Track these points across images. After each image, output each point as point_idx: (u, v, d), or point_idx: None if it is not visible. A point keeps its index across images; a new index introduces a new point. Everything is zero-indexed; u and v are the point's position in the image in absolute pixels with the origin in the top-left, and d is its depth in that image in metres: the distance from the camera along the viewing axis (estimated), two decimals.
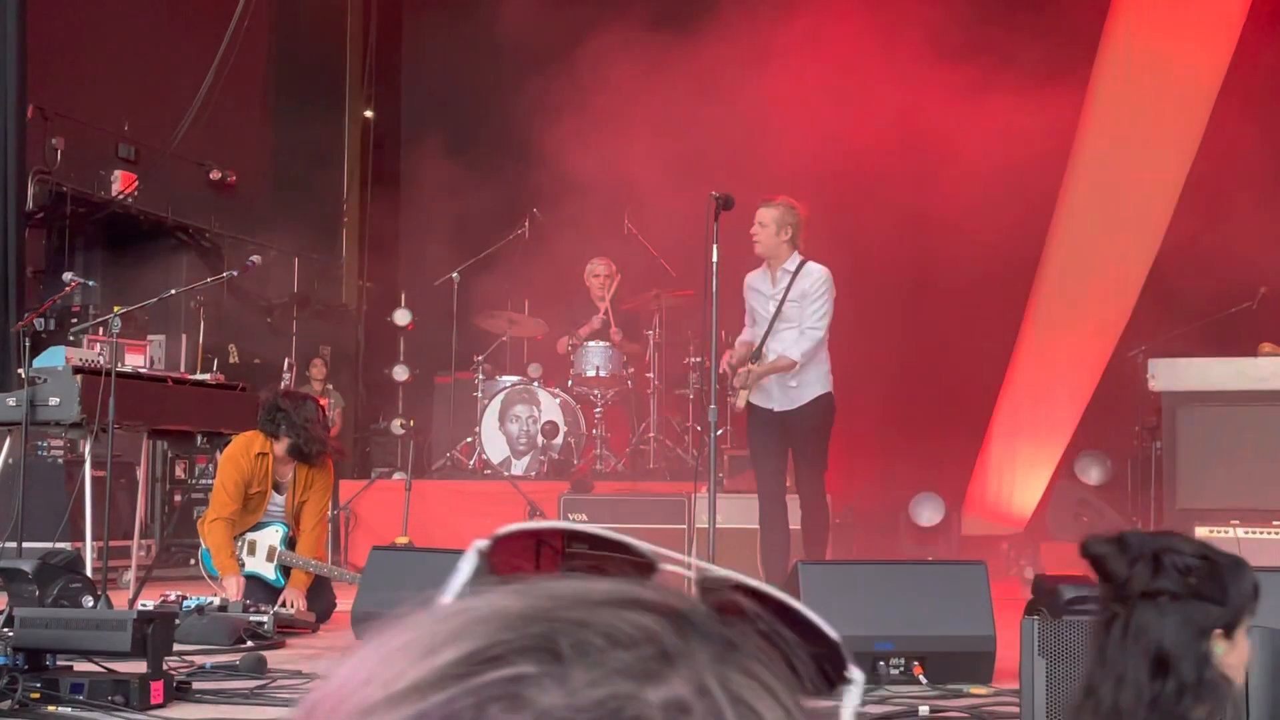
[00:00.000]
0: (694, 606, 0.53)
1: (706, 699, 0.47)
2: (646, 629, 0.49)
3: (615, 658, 0.48)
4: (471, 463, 9.90)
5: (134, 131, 10.60)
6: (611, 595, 0.50)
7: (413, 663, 0.47)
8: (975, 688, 5.09)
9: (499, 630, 0.48)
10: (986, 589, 5.37)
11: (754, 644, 0.52)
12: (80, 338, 7.83)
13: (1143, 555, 1.96)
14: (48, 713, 4.23)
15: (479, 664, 0.46)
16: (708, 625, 0.51)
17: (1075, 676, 3.60)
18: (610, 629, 0.49)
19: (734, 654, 0.50)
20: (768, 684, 0.50)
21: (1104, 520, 9.35)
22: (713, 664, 0.49)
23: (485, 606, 0.49)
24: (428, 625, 0.49)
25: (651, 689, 0.47)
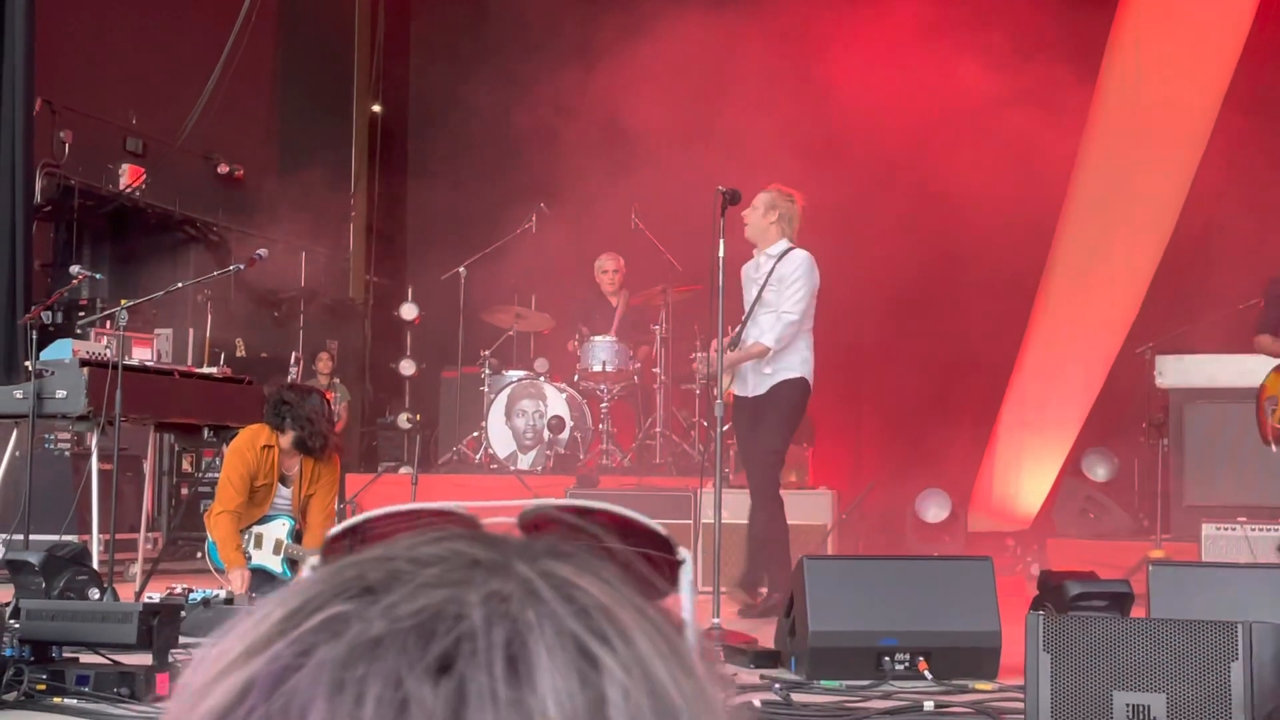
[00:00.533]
0: (504, 533, 0.56)
1: (522, 584, 0.50)
2: (454, 549, 0.51)
3: (425, 575, 0.50)
4: (478, 457, 9.90)
5: (142, 125, 10.62)
6: (418, 538, 0.53)
7: (243, 634, 0.50)
8: (980, 683, 5.09)
9: (313, 585, 0.51)
10: (992, 585, 5.36)
11: (573, 545, 0.54)
12: (87, 331, 7.84)
13: None
14: (54, 704, 4.24)
15: (299, 617, 0.49)
16: (520, 539, 0.54)
17: (1080, 672, 3.61)
18: (415, 555, 0.51)
19: (548, 551, 0.52)
20: (586, 566, 0.52)
21: (1110, 517, 9.34)
22: (526, 560, 0.51)
23: (306, 576, 0.53)
24: (258, 605, 0.51)
25: (468, 590, 0.49)
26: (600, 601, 0.50)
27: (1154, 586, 5.53)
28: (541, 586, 0.50)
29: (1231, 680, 3.50)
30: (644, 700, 0.48)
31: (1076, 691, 3.60)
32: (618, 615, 0.50)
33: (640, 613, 0.51)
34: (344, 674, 0.47)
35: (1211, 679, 3.51)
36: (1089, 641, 3.62)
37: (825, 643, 5.11)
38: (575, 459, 9.67)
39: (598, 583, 0.51)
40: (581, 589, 0.50)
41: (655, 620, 0.52)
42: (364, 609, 0.48)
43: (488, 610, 0.48)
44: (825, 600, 5.19)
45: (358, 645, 0.47)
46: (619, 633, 0.49)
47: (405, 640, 0.47)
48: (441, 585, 0.49)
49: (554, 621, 0.49)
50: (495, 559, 0.51)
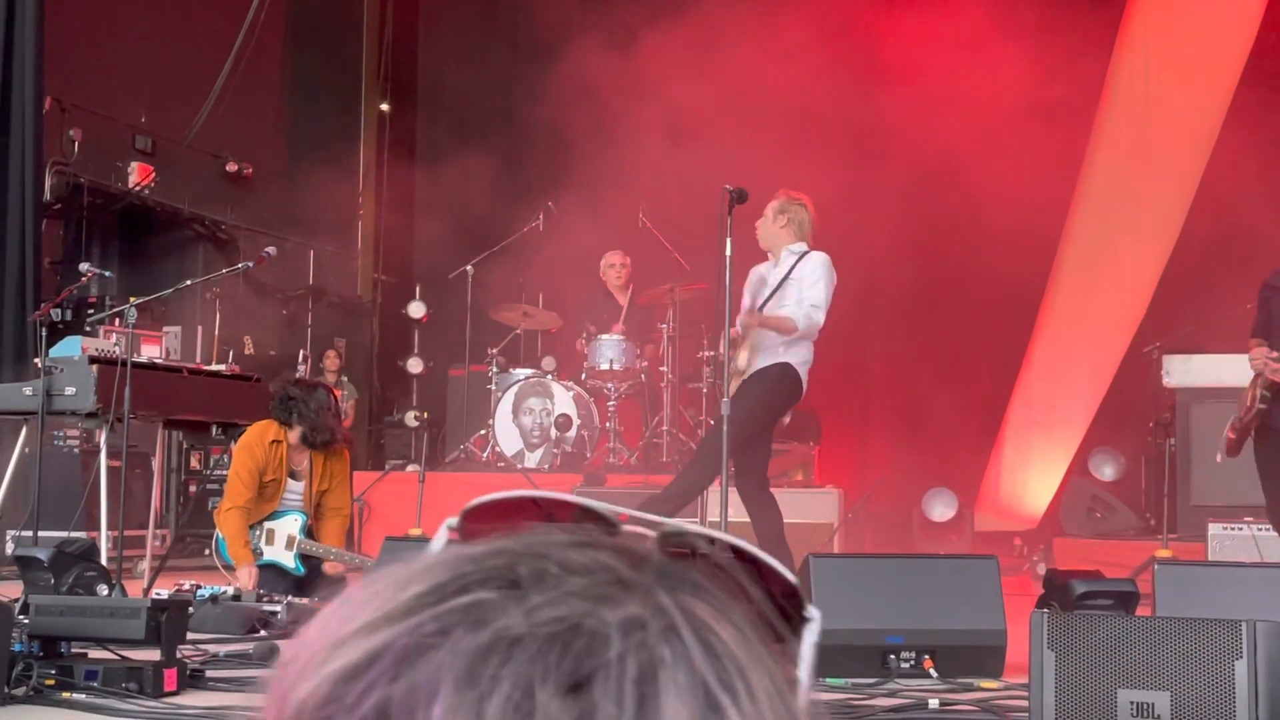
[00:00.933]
0: (651, 549, 0.56)
1: (662, 616, 0.49)
2: (601, 562, 0.51)
3: (572, 583, 0.50)
4: (485, 455, 9.92)
5: (151, 123, 10.65)
6: (568, 539, 0.53)
7: (383, 599, 0.49)
8: (985, 681, 5.09)
9: (461, 565, 0.50)
10: (998, 583, 5.37)
11: (711, 580, 0.54)
12: (96, 328, 7.87)
13: None
14: (62, 699, 4.26)
15: (443, 594, 0.49)
16: (663, 562, 0.54)
17: (1084, 670, 3.61)
18: (566, 560, 0.51)
19: (690, 584, 0.52)
20: (723, 609, 0.52)
21: (1117, 517, 9.34)
22: (668, 590, 0.51)
23: (450, 551, 0.52)
24: (397, 570, 0.51)
25: (607, 609, 0.49)
26: (733, 652, 0.50)
27: (1159, 586, 5.54)
28: (681, 624, 0.50)
29: (1236, 678, 3.51)
30: None
31: (1081, 689, 3.61)
32: (747, 670, 0.50)
33: (768, 671, 0.51)
34: (478, 667, 0.47)
35: (1216, 677, 3.52)
36: (1093, 640, 3.62)
37: (831, 640, 5.11)
38: (582, 457, 9.69)
39: (733, 631, 0.51)
40: (718, 635, 0.50)
41: (778, 681, 0.52)
42: (508, 603, 0.49)
43: (627, 638, 0.49)
44: (831, 598, 5.19)
45: (497, 640, 0.47)
46: (746, 688, 0.50)
47: (544, 649, 0.47)
48: (586, 598, 0.49)
49: (688, 664, 0.49)
50: (639, 581, 0.51)
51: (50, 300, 8.05)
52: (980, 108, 9.73)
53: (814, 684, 0.57)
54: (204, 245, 11.28)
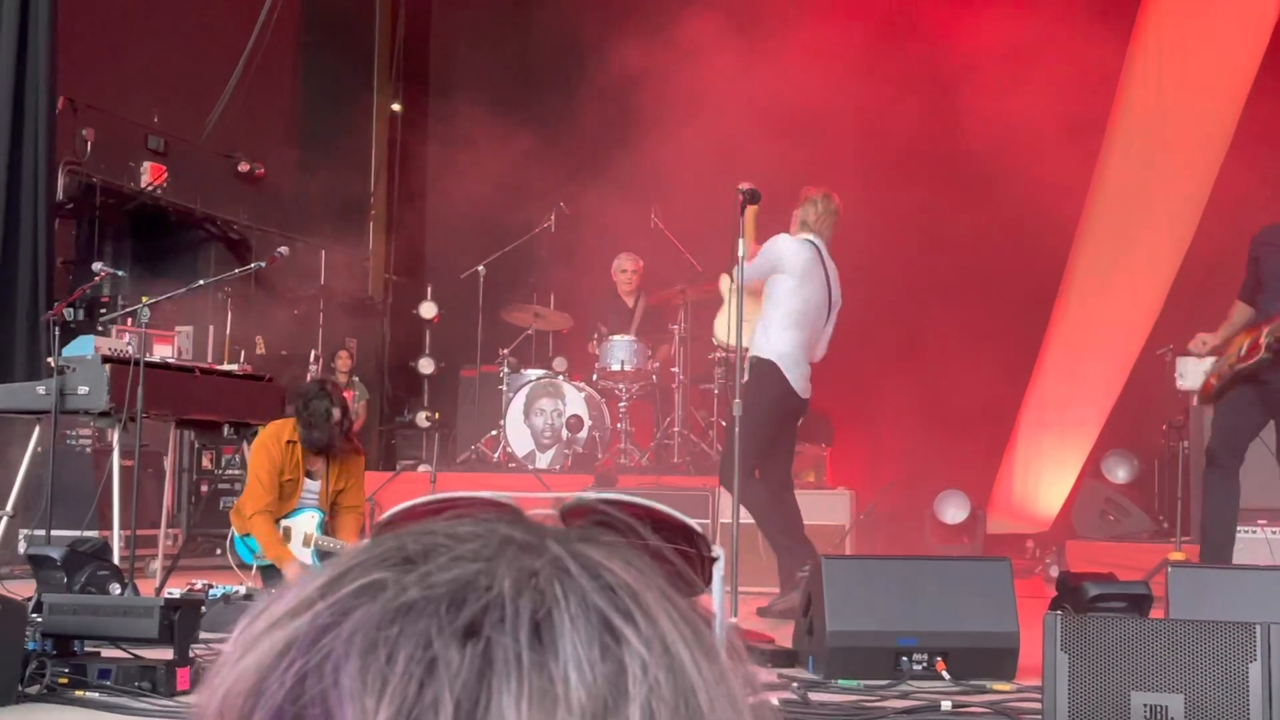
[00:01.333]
0: (544, 521, 0.59)
1: (554, 562, 0.52)
2: (490, 526, 0.55)
3: (462, 549, 0.53)
4: (496, 456, 9.92)
5: (163, 123, 10.67)
6: (458, 515, 0.56)
7: (290, 598, 0.53)
8: (998, 684, 5.08)
9: (356, 556, 0.54)
10: (1010, 585, 5.35)
11: (608, 535, 0.57)
12: (109, 328, 7.88)
13: None
14: (76, 697, 4.27)
15: (341, 582, 0.52)
16: (560, 526, 0.57)
17: (1098, 672, 3.60)
18: (455, 532, 0.54)
19: (584, 536, 0.55)
20: (618, 553, 0.54)
21: (1130, 520, 9.32)
22: (561, 543, 0.54)
23: (349, 548, 0.57)
24: (304, 574, 0.55)
25: (499, 564, 0.52)
26: (626, 582, 0.53)
27: (1173, 588, 5.52)
28: (570, 564, 0.52)
29: (1249, 681, 3.50)
30: (662, 675, 0.50)
31: (1094, 692, 3.60)
32: (643, 596, 0.52)
33: (666, 597, 0.53)
34: (377, 634, 0.49)
35: (1230, 679, 3.51)
36: (1107, 642, 3.61)
37: (843, 642, 5.11)
38: (593, 458, 9.69)
39: (626, 566, 0.54)
40: (609, 569, 0.53)
41: (680, 607, 0.54)
42: (401, 576, 0.51)
43: (517, 581, 0.51)
44: (843, 600, 5.19)
45: (392, 608, 0.50)
46: (643, 612, 0.52)
47: (437, 606, 0.50)
48: (476, 559, 0.52)
49: (580, 596, 0.51)
50: (530, 539, 0.54)
51: (63, 300, 8.07)
52: (995, 114, 9.71)
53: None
54: (216, 245, 11.30)
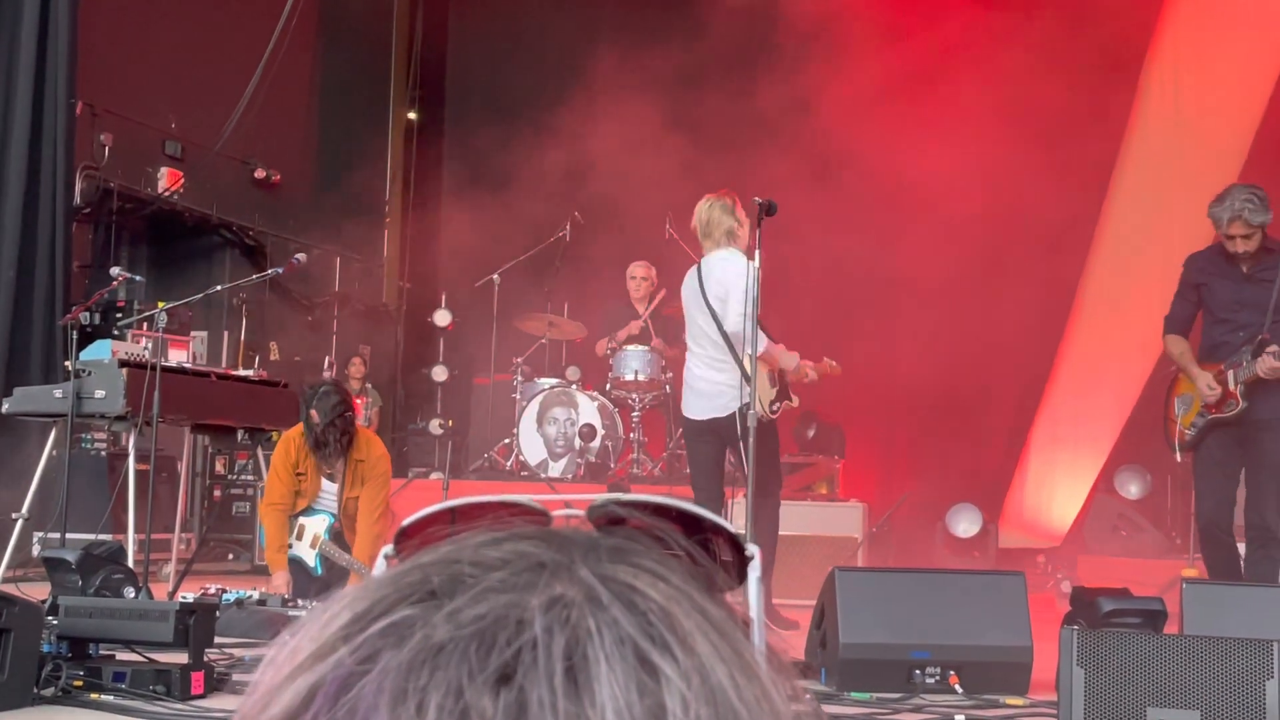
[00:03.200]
0: (575, 529, 0.56)
1: (584, 589, 0.50)
2: (519, 551, 0.52)
3: (490, 579, 0.51)
4: (509, 464, 9.93)
5: (181, 129, 10.71)
6: (486, 538, 0.54)
7: (312, 638, 0.51)
8: (1011, 698, 5.07)
9: (379, 589, 0.51)
10: (1024, 599, 5.35)
11: (640, 544, 0.55)
12: (125, 332, 7.92)
13: None
14: (91, 700, 4.28)
15: (365, 621, 0.50)
16: (587, 537, 0.54)
17: (1114, 687, 3.59)
18: (480, 559, 0.52)
19: (612, 550, 0.53)
20: (647, 566, 0.52)
21: (1143, 535, 9.29)
22: (589, 562, 0.52)
23: (372, 578, 0.53)
24: (325, 607, 0.52)
25: (529, 595, 0.50)
26: (662, 606, 0.51)
27: (1187, 604, 5.50)
28: (602, 592, 0.50)
29: (1267, 698, 3.49)
30: (704, 709, 0.49)
31: (1110, 707, 3.59)
32: (679, 620, 0.50)
33: (703, 615, 0.52)
34: (407, 683, 0.47)
35: (1247, 697, 3.50)
36: (1123, 657, 3.61)
37: (856, 655, 5.10)
38: (606, 467, 9.69)
39: (661, 585, 0.52)
40: (643, 593, 0.51)
41: (718, 622, 0.52)
42: (428, 614, 0.49)
43: (549, 617, 0.49)
44: (856, 612, 5.18)
45: (421, 652, 0.48)
46: (680, 639, 0.50)
47: (467, 648, 0.48)
48: (505, 590, 0.50)
49: (614, 629, 0.49)
50: (559, 560, 0.52)
51: (80, 304, 8.10)
52: (1011, 124, 9.71)
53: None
54: (231, 251, 11.33)
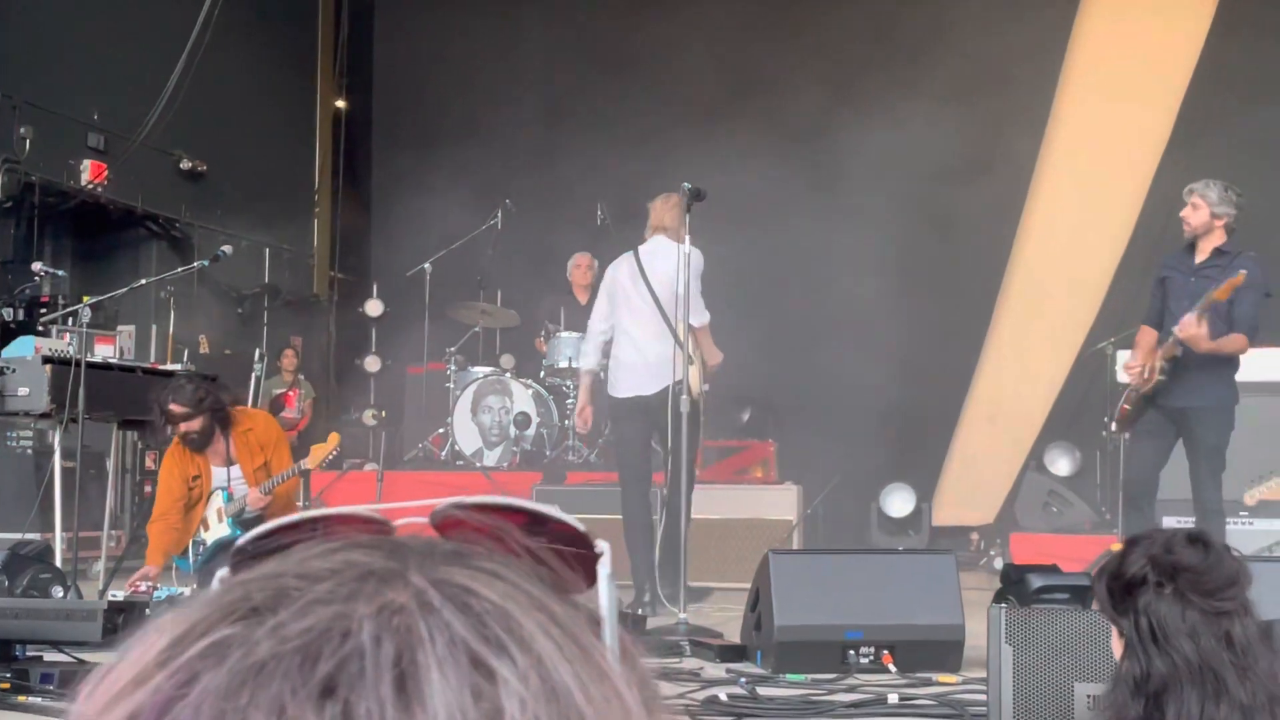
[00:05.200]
0: (414, 535, 0.54)
1: (417, 595, 0.48)
2: (348, 560, 0.50)
3: (315, 591, 0.48)
4: (444, 454, 9.89)
5: (104, 120, 10.54)
6: (316, 550, 0.51)
7: (133, 662, 0.48)
8: (944, 676, 5.13)
9: (199, 609, 0.49)
10: (955, 578, 5.41)
11: (481, 549, 0.52)
12: (49, 328, 7.79)
13: None
14: (18, 702, 4.22)
15: (185, 643, 0.47)
16: (423, 543, 0.52)
17: (1042, 664, 3.64)
18: (306, 571, 0.49)
19: (450, 557, 0.50)
20: (487, 569, 0.50)
21: (1073, 511, 9.42)
22: (425, 568, 0.49)
23: (193, 600, 0.51)
24: (148, 630, 0.50)
25: (359, 604, 0.47)
26: (498, 605, 0.48)
27: None
28: (434, 595, 0.48)
29: None
30: (543, 710, 0.46)
31: (1038, 683, 3.64)
32: (517, 620, 0.48)
33: (546, 614, 0.49)
34: (226, 704, 0.45)
35: None
36: (1051, 634, 3.66)
37: (791, 637, 5.14)
38: (541, 455, 9.68)
39: (499, 585, 0.49)
40: (478, 594, 0.48)
41: (563, 621, 0.49)
42: (249, 631, 0.47)
43: (377, 625, 0.46)
44: (790, 595, 5.22)
45: (240, 671, 0.45)
46: (517, 639, 0.47)
47: (290, 663, 0.45)
48: (331, 601, 0.47)
49: (446, 633, 0.47)
50: (390, 568, 0.49)
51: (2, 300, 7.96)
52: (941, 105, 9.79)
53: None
54: (158, 244, 11.18)
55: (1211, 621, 2.14)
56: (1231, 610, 2.15)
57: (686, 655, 5.56)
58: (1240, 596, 2.18)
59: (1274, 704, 2.09)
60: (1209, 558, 2.19)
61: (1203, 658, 2.11)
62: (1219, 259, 6.46)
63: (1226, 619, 2.14)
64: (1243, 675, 2.10)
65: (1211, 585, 2.16)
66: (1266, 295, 6.41)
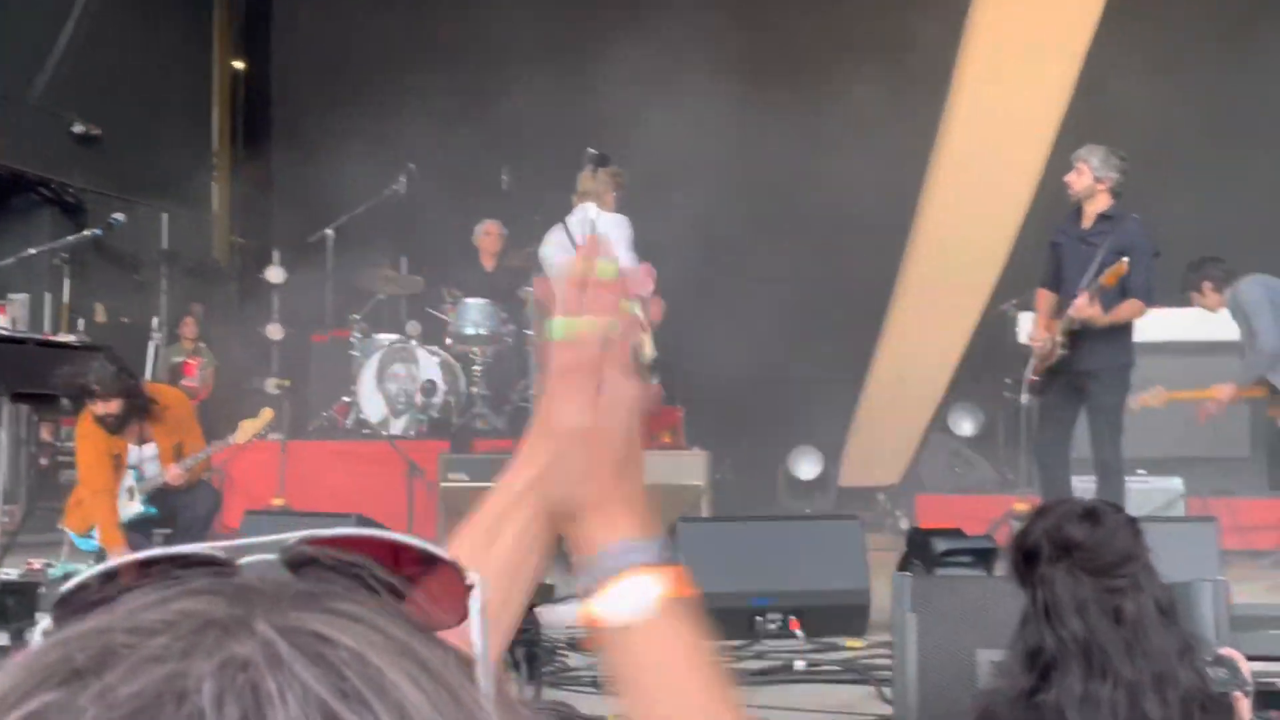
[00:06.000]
0: (263, 576, 0.50)
1: (265, 647, 0.44)
2: (185, 610, 0.45)
3: (149, 647, 0.44)
4: (349, 422, 9.77)
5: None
6: (149, 598, 0.47)
7: None
8: (851, 640, 5.18)
9: (15, 673, 0.44)
10: (861, 543, 5.45)
11: (338, 588, 0.49)
12: None
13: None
14: None
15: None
16: (273, 585, 0.48)
17: (945, 630, 3.68)
18: (137, 625, 0.45)
19: (302, 600, 0.46)
20: (344, 612, 0.46)
21: (976, 472, 9.55)
22: (273, 615, 0.45)
23: (7, 660, 0.46)
24: None
25: (198, 661, 0.43)
26: (356, 652, 0.44)
27: None
28: (283, 647, 0.43)
29: None
30: None
31: (942, 649, 3.67)
32: (377, 668, 0.44)
33: (411, 659, 0.45)
34: None
35: None
36: (954, 601, 3.69)
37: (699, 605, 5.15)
38: (448, 423, 9.60)
39: (357, 630, 0.45)
40: (334, 642, 0.44)
41: (431, 666, 0.46)
42: (72, 697, 0.42)
43: (218, 684, 0.42)
44: (699, 563, 5.22)
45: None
46: (377, 689, 0.43)
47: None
48: (165, 658, 0.43)
49: (298, 689, 0.43)
50: (234, 616, 0.45)
51: None
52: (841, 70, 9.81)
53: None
54: (51, 210, 10.87)
55: (1102, 598, 2.14)
56: (1123, 588, 2.15)
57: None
58: (1134, 574, 2.18)
59: (1162, 682, 2.09)
60: (1100, 534, 2.18)
61: (1090, 634, 2.12)
62: (1104, 224, 6.65)
63: (1118, 595, 2.15)
64: (1130, 653, 2.10)
65: (1102, 563, 2.16)
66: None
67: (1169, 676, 2.10)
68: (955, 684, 3.66)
